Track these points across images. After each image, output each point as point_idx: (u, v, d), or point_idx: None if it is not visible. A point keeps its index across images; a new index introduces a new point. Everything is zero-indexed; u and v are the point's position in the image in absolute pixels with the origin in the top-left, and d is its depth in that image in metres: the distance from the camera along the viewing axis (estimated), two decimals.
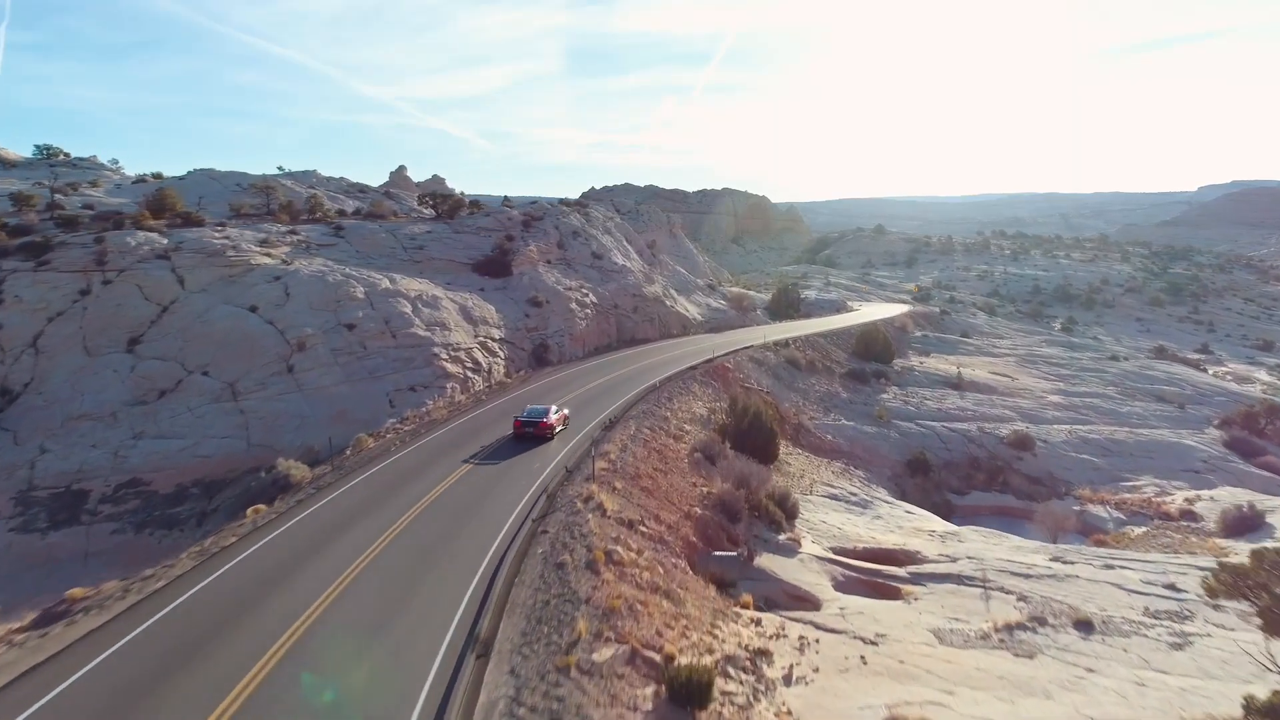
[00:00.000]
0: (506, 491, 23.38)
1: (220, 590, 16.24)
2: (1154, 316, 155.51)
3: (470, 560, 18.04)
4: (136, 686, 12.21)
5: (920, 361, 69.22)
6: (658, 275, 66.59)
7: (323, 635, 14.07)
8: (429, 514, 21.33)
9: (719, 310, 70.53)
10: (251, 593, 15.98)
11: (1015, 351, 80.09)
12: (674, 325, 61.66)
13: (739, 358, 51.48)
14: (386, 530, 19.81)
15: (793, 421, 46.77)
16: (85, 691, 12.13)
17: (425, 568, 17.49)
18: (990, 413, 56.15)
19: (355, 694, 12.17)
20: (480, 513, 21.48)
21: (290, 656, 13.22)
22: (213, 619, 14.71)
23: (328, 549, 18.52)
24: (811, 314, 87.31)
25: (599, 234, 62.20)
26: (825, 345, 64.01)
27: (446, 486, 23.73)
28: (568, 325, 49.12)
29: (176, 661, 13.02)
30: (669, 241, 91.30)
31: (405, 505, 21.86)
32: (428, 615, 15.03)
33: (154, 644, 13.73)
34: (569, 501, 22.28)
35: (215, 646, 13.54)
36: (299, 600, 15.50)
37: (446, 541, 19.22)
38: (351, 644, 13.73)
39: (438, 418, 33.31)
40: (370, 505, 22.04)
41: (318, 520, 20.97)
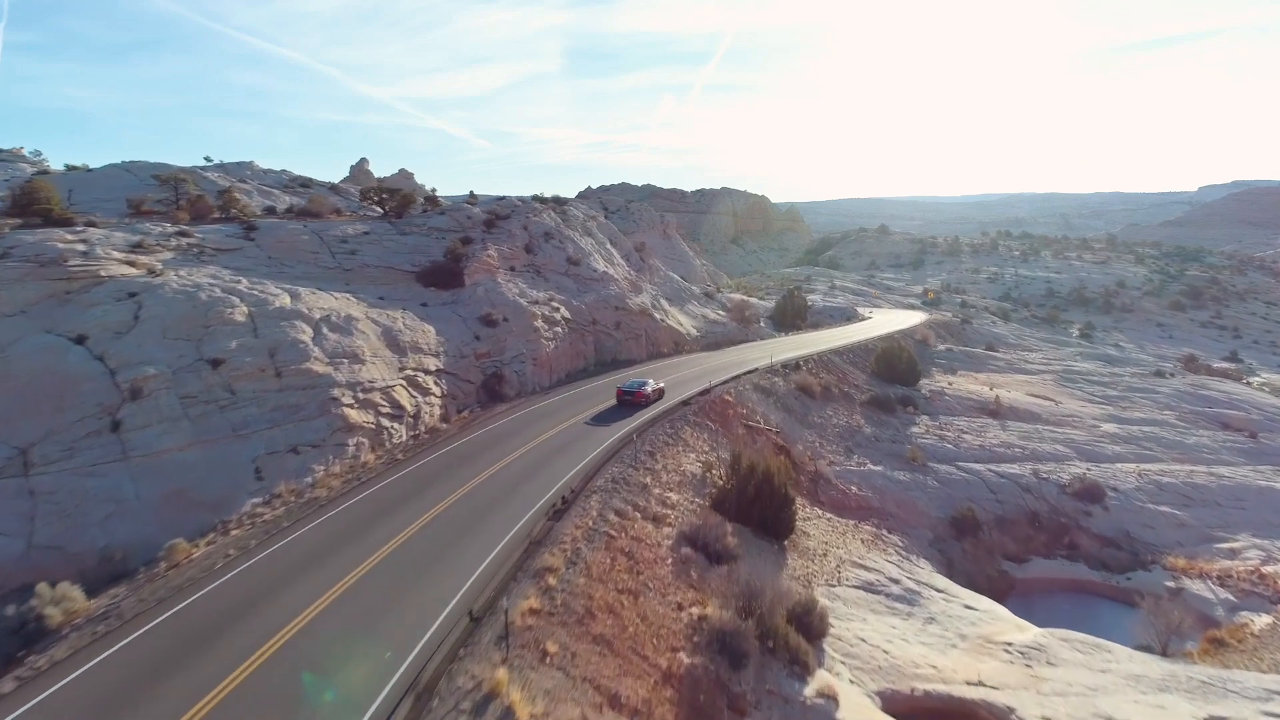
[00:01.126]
0: (354, 667, 13.54)
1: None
2: (1175, 321, 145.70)
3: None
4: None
5: (949, 382, 59.43)
6: (646, 283, 56.77)
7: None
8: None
9: (717, 322, 60.70)
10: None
11: (1050, 367, 70.29)
12: (665, 342, 51.85)
13: (741, 386, 41.70)
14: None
15: (809, 470, 37.00)
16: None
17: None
18: (1041, 449, 46.37)
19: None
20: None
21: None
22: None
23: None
24: (820, 324, 77.51)
25: (577, 236, 52.40)
26: (841, 365, 54.23)
27: (264, 660, 13.90)
28: (531, 348, 39.31)
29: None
30: (661, 243, 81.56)
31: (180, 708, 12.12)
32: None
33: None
34: (453, 708, 12.54)
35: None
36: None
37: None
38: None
39: (325, 492, 23.54)
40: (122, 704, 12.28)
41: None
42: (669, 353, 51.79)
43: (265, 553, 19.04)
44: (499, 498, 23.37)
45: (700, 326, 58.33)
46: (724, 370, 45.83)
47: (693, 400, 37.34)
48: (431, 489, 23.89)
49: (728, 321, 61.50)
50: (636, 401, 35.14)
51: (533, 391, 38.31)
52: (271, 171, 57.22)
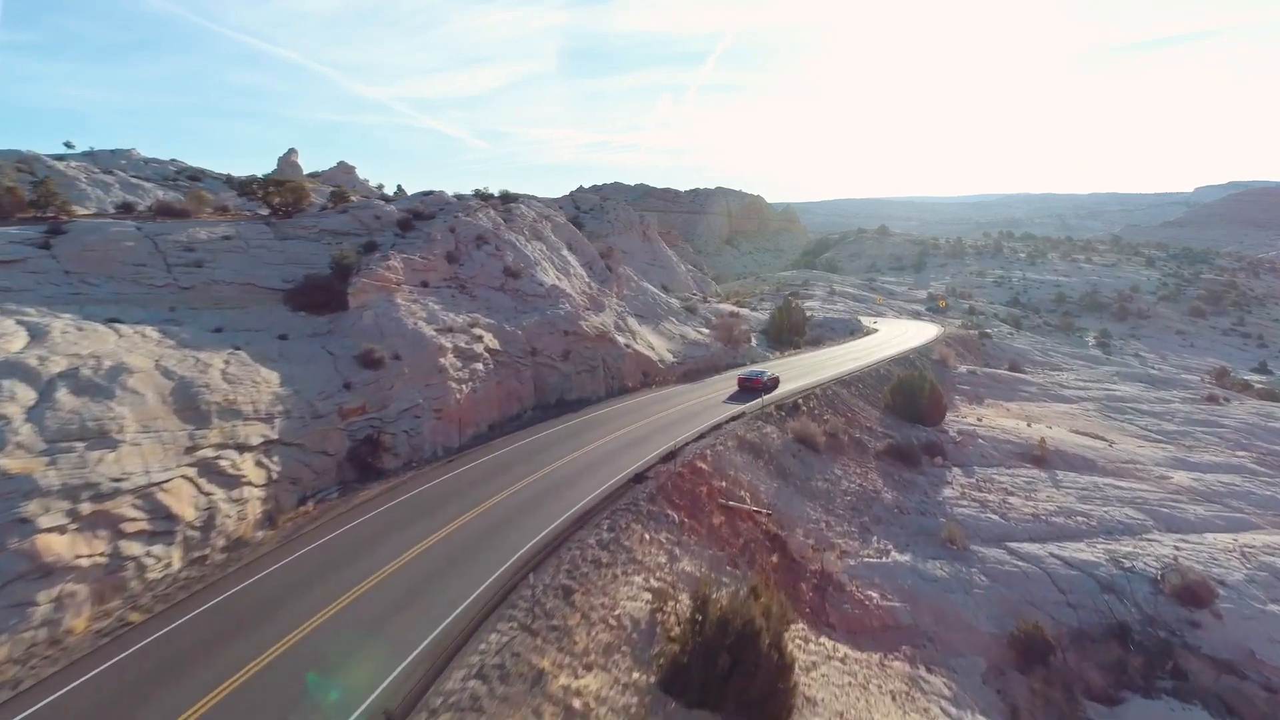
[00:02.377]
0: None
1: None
2: (1196, 329, 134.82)
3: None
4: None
5: (978, 417, 48.43)
6: (612, 298, 45.62)
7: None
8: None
9: (699, 343, 49.56)
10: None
11: (1088, 392, 59.32)
12: (630, 373, 40.77)
13: (721, 441, 30.67)
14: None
15: (813, 570, 25.98)
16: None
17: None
18: (1110, 516, 35.38)
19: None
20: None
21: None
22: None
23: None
24: (820, 340, 66.45)
25: (521, 241, 41.23)
26: (849, 401, 43.19)
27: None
28: (433, 396, 28.21)
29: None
30: (641, 247, 70.64)
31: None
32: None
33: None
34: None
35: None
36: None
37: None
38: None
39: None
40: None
41: None
42: (635, 386, 40.71)
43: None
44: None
45: (678, 350, 47.21)
46: (701, 415, 34.81)
47: (651, 472, 26.30)
48: (162, 691, 12.96)
49: (712, 342, 50.41)
50: (754, 387, 40.70)
51: (431, 458, 27.20)
52: (155, 161, 46.03)
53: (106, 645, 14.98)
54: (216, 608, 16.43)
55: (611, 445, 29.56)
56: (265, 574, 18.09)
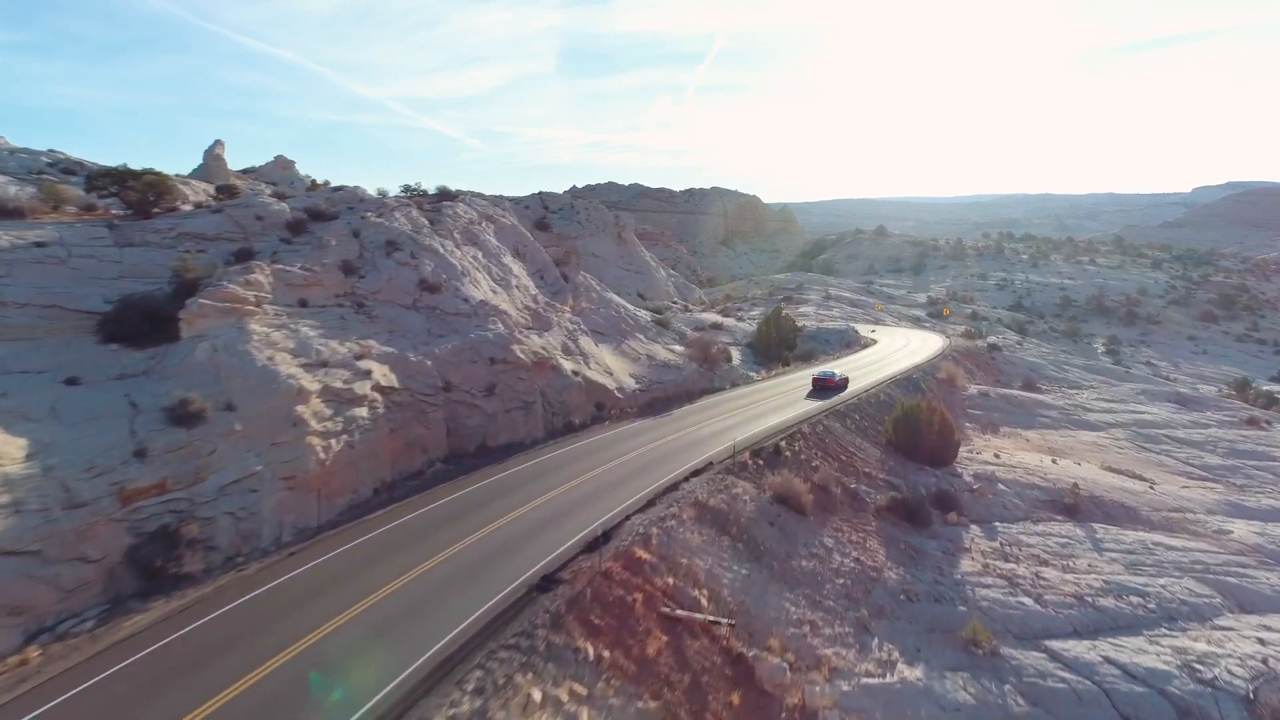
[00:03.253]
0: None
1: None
2: (1208, 334, 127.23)
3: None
4: None
5: (995, 451, 40.81)
6: (564, 314, 37.97)
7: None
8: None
9: (670, 365, 41.93)
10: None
11: (1115, 415, 51.72)
12: (578, 407, 33.16)
13: (677, 508, 23.13)
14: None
15: (791, 707, 18.45)
16: None
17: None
18: (1169, 594, 27.79)
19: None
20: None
21: None
22: None
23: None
24: (813, 354, 58.80)
25: (447, 247, 33.58)
26: (844, 437, 35.57)
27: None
28: (283, 458, 20.60)
29: None
30: (615, 250, 63.07)
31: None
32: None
33: None
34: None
35: None
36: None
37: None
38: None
39: None
40: None
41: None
42: (585, 423, 33.09)
43: None
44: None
45: (643, 373, 39.57)
46: (657, 467, 27.25)
47: (566, 571, 18.73)
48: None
49: (685, 362, 42.76)
50: (829, 386, 42.61)
51: (273, 547, 19.62)
52: (25, 151, 38.49)
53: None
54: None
55: (525, 520, 21.97)
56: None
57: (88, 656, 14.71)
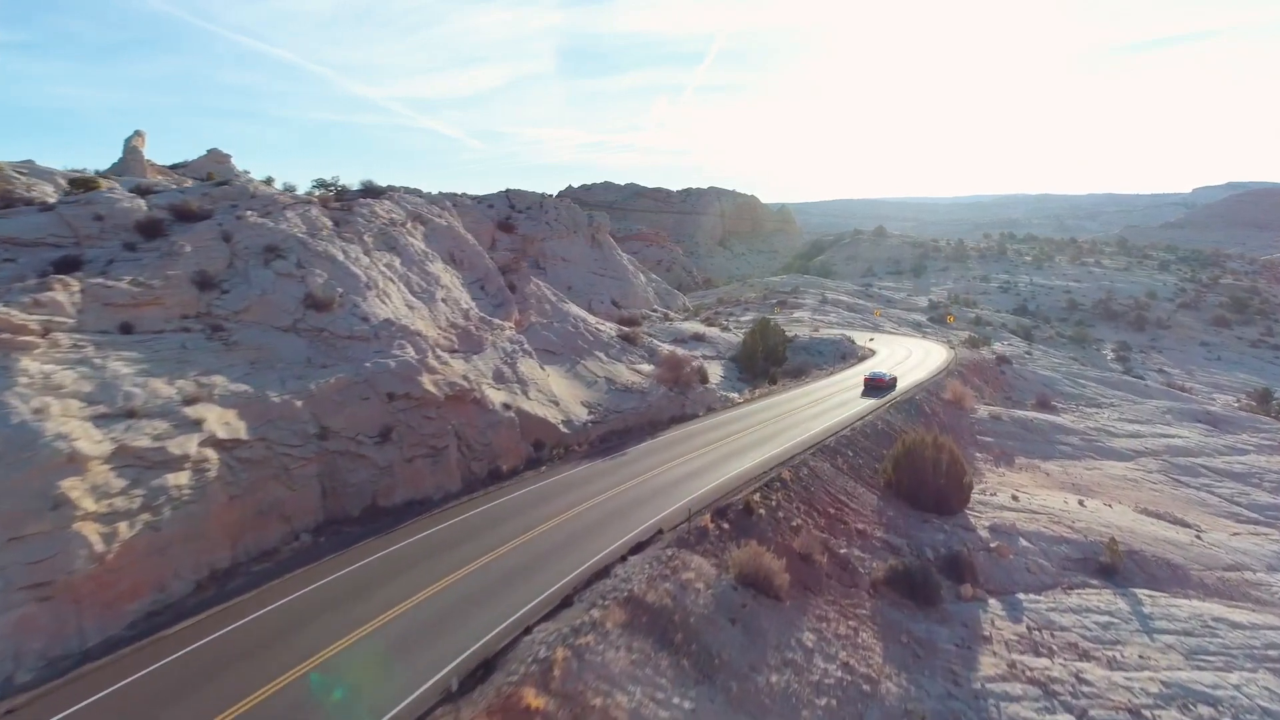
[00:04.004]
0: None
1: None
2: (1221, 340, 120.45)
3: None
4: None
5: (1013, 491, 34.39)
6: (504, 331, 31.56)
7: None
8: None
9: (633, 389, 35.58)
10: None
11: (1143, 441, 45.27)
12: (508, 448, 26.84)
13: (598, 619, 16.83)
14: None
15: None
16: None
17: None
18: (1244, 699, 21.48)
19: None
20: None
21: None
22: None
23: None
24: (804, 369, 52.35)
25: (351, 254, 27.25)
26: (834, 480, 29.20)
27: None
28: (34, 560, 14.29)
29: None
30: (586, 253, 56.77)
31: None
32: None
33: None
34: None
35: None
36: None
37: None
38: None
39: None
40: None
41: None
42: (514, 469, 26.75)
43: None
44: None
45: (599, 401, 33.22)
46: (585, 540, 20.89)
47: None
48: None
49: (652, 385, 36.41)
50: (881, 385, 43.17)
51: (13, 689, 13.40)
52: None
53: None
54: None
55: (384, 635, 15.64)
56: None
57: None
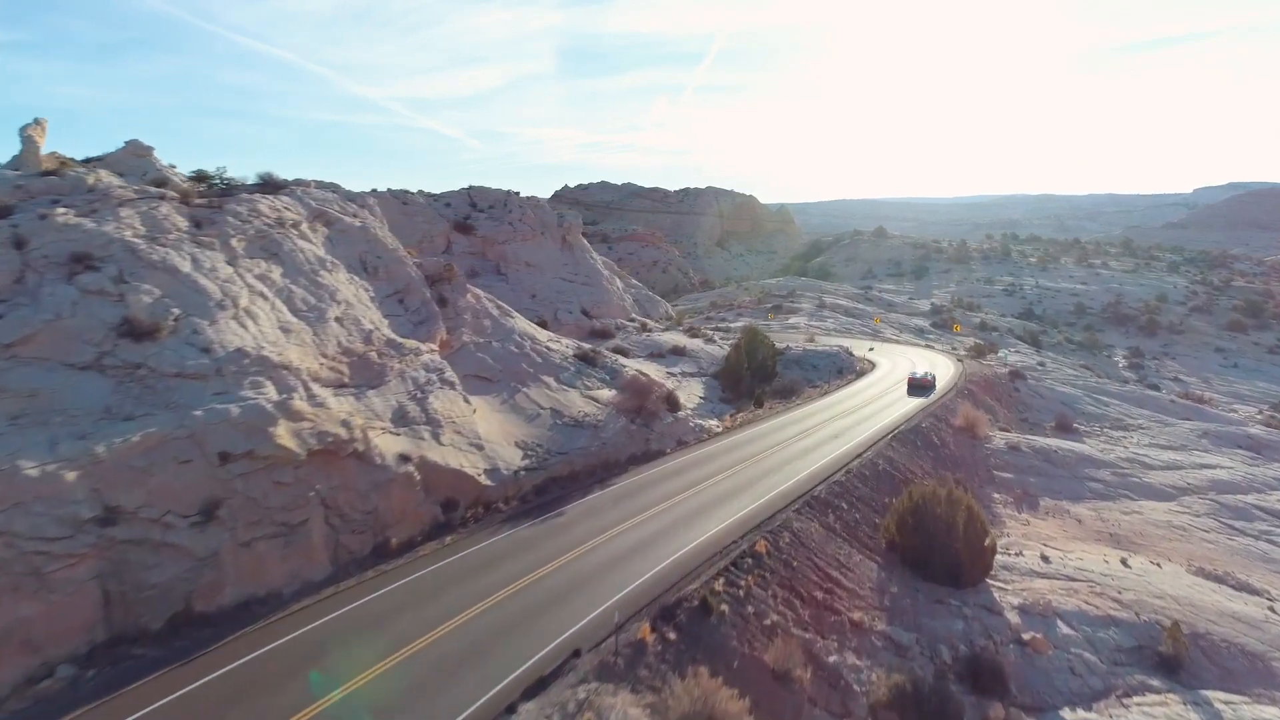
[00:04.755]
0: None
1: None
2: (1237, 346, 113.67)
3: None
4: None
5: (1042, 549, 28.00)
6: (417, 358, 25.25)
7: None
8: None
9: (585, 423, 29.27)
10: None
11: (1183, 475, 38.88)
12: (401, 515, 20.57)
13: None
14: None
15: None
16: None
17: None
18: None
19: None
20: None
21: None
22: None
23: None
24: (795, 388, 45.96)
25: (204, 264, 21.02)
26: (822, 547, 22.88)
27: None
28: None
29: None
30: (555, 256, 50.60)
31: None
32: None
33: None
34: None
35: None
36: None
37: None
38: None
39: None
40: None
41: None
42: (410, 540, 20.47)
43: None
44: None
45: (540, 440, 26.92)
46: (467, 671, 14.65)
47: None
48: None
49: (610, 416, 30.13)
50: (925, 385, 44.27)
51: None
52: None
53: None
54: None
55: None
56: None
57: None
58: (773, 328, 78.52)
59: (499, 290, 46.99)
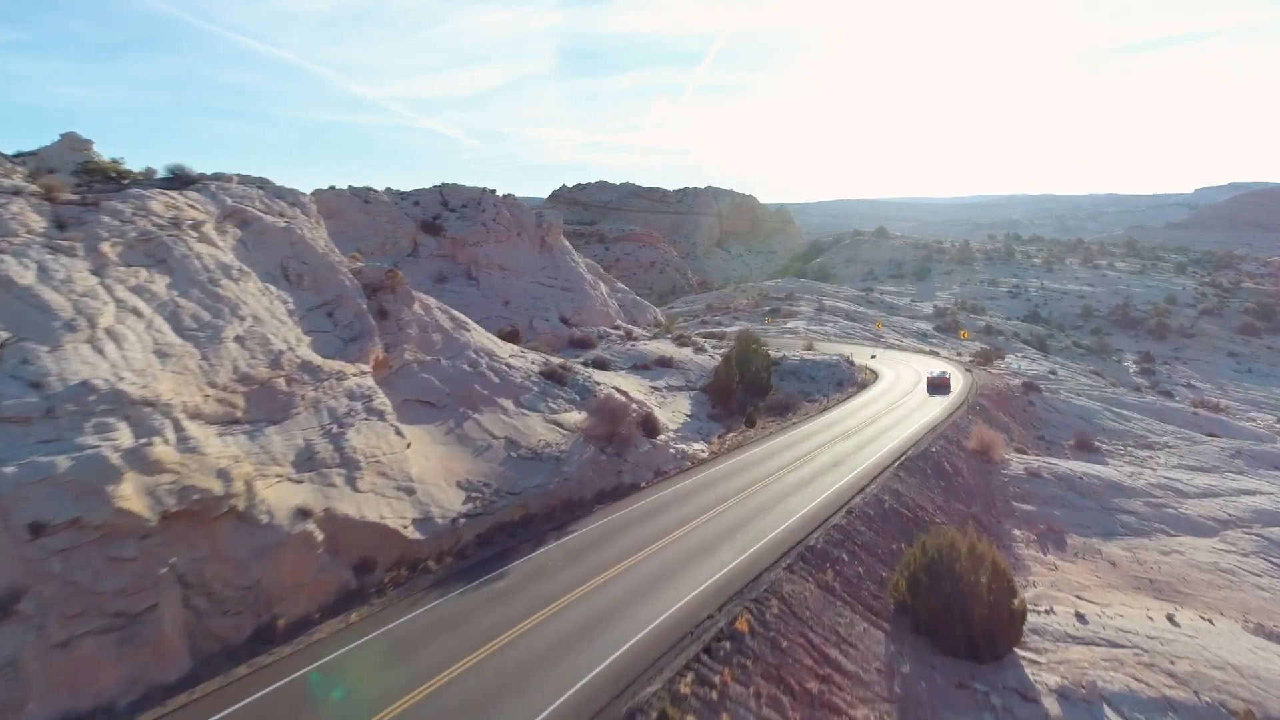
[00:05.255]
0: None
1: None
2: (1250, 350, 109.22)
3: None
4: None
5: (1075, 606, 23.78)
6: (341, 383, 21.14)
7: None
8: None
9: (545, 455, 25.12)
10: None
11: (1221, 504, 34.64)
12: (293, 588, 16.45)
13: None
14: None
15: None
16: None
17: None
18: None
19: None
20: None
21: None
22: None
23: None
24: (792, 403, 41.79)
25: (54, 274, 17.11)
26: (818, 616, 18.74)
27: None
28: None
29: None
30: (532, 259, 46.56)
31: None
32: None
33: None
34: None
35: None
36: None
37: None
38: None
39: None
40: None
41: None
42: (307, 617, 16.36)
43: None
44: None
45: (486, 478, 22.79)
46: None
47: None
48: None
49: (574, 447, 25.99)
50: (945, 384, 44.96)
51: None
52: None
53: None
54: None
55: None
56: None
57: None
58: (770, 332, 74.34)
59: (469, 296, 42.85)
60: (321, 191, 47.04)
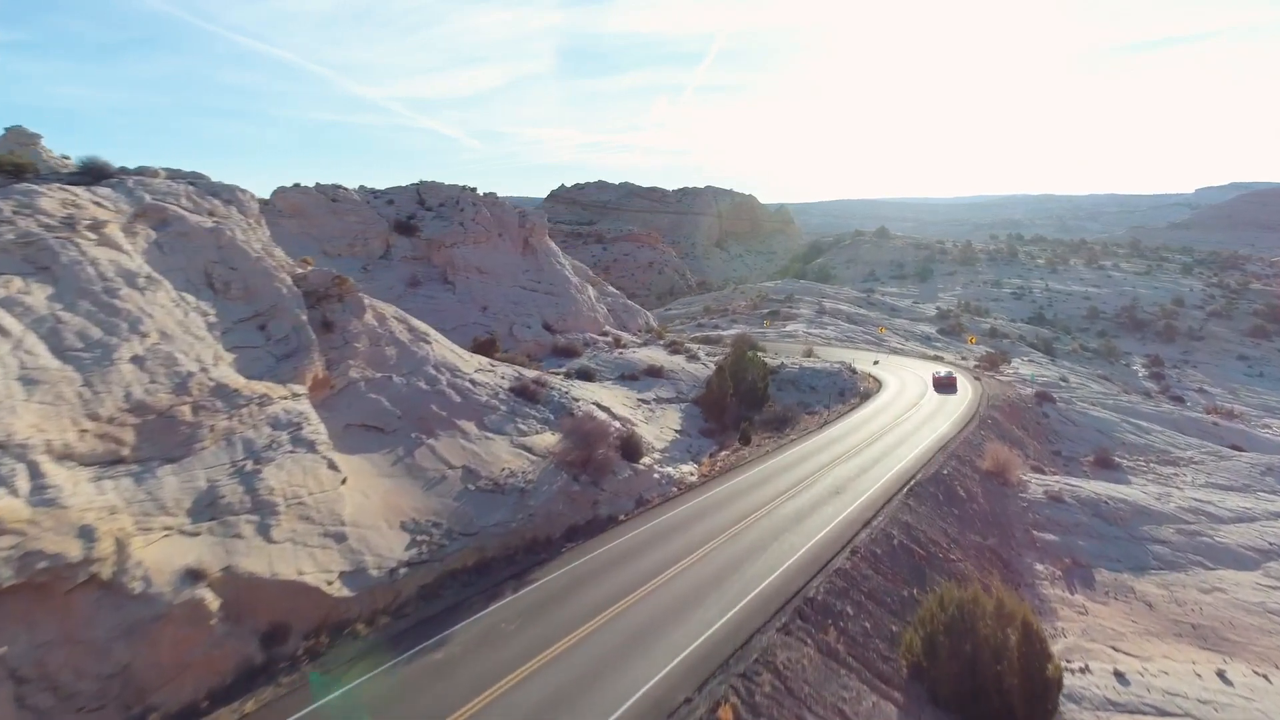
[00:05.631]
0: None
1: None
2: (1261, 353, 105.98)
3: None
4: None
5: (1112, 661, 20.70)
6: (260, 408, 18.14)
7: None
8: None
9: (509, 485, 22.00)
10: None
11: (1259, 529, 31.48)
12: (177, 670, 13.44)
13: None
14: None
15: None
16: None
17: None
18: None
19: None
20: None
21: None
22: None
23: None
24: (790, 416, 38.61)
25: None
26: (817, 686, 15.62)
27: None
28: None
29: None
30: (513, 262, 43.42)
31: None
32: None
33: None
34: None
35: None
36: None
37: None
38: None
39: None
40: None
41: None
42: (192, 705, 13.27)
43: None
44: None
45: (436, 517, 19.70)
46: None
47: None
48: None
49: (543, 475, 22.91)
50: (950, 384, 46.03)
51: None
52: None
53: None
54: None
55: None
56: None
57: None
58: (768, 336, 71.29)
59: (444, 302, 39.64)
60: (285, 189, 43.70)
